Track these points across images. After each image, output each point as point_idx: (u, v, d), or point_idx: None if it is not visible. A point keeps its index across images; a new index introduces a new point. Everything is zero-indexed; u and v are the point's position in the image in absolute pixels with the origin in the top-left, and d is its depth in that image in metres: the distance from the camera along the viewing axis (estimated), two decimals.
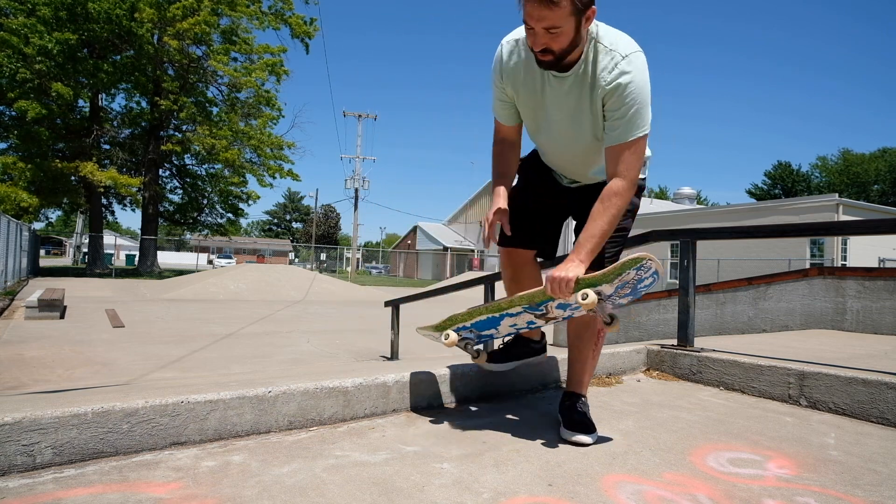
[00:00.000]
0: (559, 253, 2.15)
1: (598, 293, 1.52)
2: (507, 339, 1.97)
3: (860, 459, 1.61)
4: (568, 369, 1.92)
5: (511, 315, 1.73)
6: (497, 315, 1.74)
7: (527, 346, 2.02)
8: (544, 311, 1.68)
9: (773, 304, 4.74)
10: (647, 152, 1.84)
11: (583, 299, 1.49)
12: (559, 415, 1.83)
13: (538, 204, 1.91)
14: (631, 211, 1.79)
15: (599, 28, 1.57)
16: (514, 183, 1.91)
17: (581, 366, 1.86)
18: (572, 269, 1.53)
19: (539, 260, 1.99)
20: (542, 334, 2.07)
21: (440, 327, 1.84)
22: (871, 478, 1.47)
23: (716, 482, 1.41)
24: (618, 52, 1.54)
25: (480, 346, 1.93)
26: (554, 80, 1.61)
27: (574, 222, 1.89)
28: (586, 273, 1.54)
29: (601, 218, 1.56)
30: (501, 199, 1.75)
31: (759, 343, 3.29)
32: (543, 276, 1.77)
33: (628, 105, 1.53)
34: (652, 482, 1.40)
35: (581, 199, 1.81)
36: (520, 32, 1.64)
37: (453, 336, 1.78)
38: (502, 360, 1.98)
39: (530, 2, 1.43)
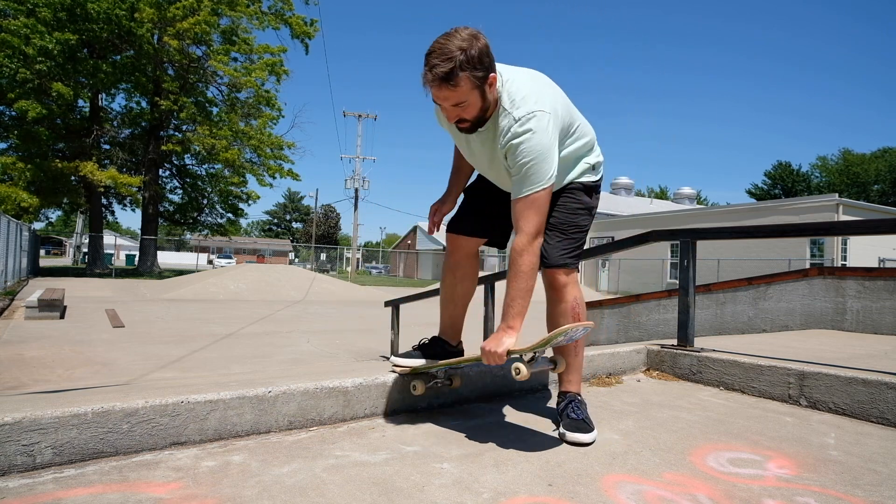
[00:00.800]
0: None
1: (533, 355, 1.61)
2: (423, 341, 2.02)
3: (860, 459, 1.61)
4: (559, 374, 1.94)
5: (467, 365, 1.84)
6: (454, 366, 1.85)
7: (442, 347, 2.01)
8: None
9: (773, 304, 4.74)
10: (598, 158, 1.95)
11: (516, 374, 1.57)
12: (558, 416, 1.85)
13: (490, 196, 1.95)
14: (587, 209, 1.90)
15: (505, 87, 1.66)
16: (477, 176, 2.05)
17: (566, 367, 1.88)
18: (504, 340, 1.59)
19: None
20: (459, 341, 2.09)
21: (410, 376, 1.97)
22: (871, 478, 1.47)
23: (716, 482, 1.41)
24: (513, 115, 1.63)
25: (451, 379, 1.99)
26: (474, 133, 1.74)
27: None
28: (521, 345, 1.61)
29: (514, 281, 1.63)
30: (446, 194, 2.03)
31: (759, 343, 3.29)
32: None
33: (520, 164, 1.62)
34: (652, 482, 1.40)
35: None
36: None
37: (420, 388, 1.91)
38: (408, 357, 1.98)
39: (433, 86, 1.55)
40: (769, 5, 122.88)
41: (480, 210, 1.97)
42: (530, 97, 1.65)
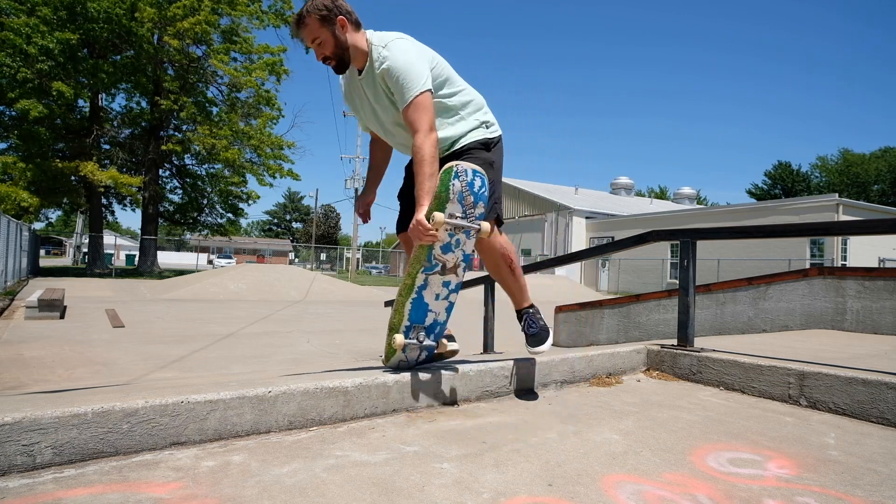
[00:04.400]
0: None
1: (450, 214, 1.81)
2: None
3: (860, 459, 1.61)
4: (510, 297, 2.26)
5: (424, 287, 1.92)
6: (416, 296, 1.93)
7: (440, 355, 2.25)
8: (440, 263, 1.91)
9: (773, 304, 4.74)
10: (490, 117, 2.19)
11: (431, 221, 1.77)
12: (523, 332, 2.20)
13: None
14: (488, 163, 2.11)
15: (374, 36, 2.01)
16: (404, 181, 2.30)
17: (509, 288, 2.22)
18: (417, 214, 1.83)
19: None
20: (453, 348, 2.27)
21: (388, 343, 2.01)
22: (871, 478, 1.47)
23: (716, 482, 1.41)
24: (379, 46, 1.97)
25: (433, 343, 2.07)
26: (360, 83, 2.07)
27: None
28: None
29: (420, 168, 1.87)
30: (366, 188, 2.38)
31: (759, 343, 3.29)
32: None
33: (395, 78, 1.92)
34: (652, 482, 1.40)
35: None
36: None
37: (399, 339, 1.93)
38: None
39: (294, 31, 1.99)
40: (769, 5, 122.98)
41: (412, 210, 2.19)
42: (394, 34, 2.01)
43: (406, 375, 1.98)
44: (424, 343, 2.02)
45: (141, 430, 1.47)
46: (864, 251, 21.98)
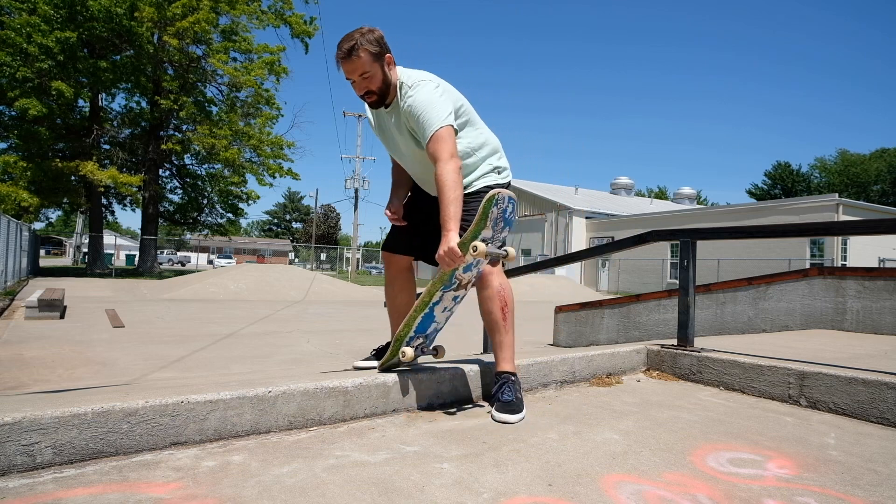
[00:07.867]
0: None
1: (483, 240, 1.83)
2: (379, 346, 2.34)
3: (860, 459, 1.61)
4: (493, 353, 2.10)
5: (437, 303, 1.94)
6: (428, 311, 1.94)
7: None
8: (458, 282, 1.92)
9: (773, 304, 4.74)
10: (503, 163, 2.20)
11: (473, 251, 1.77)
12: (491, 396, 2.05)
13: (415, 219, 2.25)
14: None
15: (404, 74, 2.05)
16: (408, 200, 2.32)
17: (497, 339, 2.08)
18: (450, 239, 1.80)
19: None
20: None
21: (393, 353, 2.01)
22: (871, 478, 1.47)
23: (716, 482, 1.41)
24: (406, 84, 2.02)
25: (436, 350, 2.10)
26: (385, 115, 2.10)
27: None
28: (462, 237, 1.84)
29: (444, 192, 1.87)
30: (391, 199, 2.28)
31: (759, 343, 3.29)
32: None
33: (416, 117, 1.96)
34: (652, 482, 1.40)
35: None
36: None
37: (409, 353, 1.94)
38: (367, 361, 2.30)
39: (342, 61, 1.95)
40: (768, 5, 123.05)
41: (411, 230, 2.24)
42: (421, 74, 2.05)
43: (406, 375, 1.98)
44: (424, 351, 2.06)
45: (141, 430, 1.47)
46: (864, 251, 21.98)
